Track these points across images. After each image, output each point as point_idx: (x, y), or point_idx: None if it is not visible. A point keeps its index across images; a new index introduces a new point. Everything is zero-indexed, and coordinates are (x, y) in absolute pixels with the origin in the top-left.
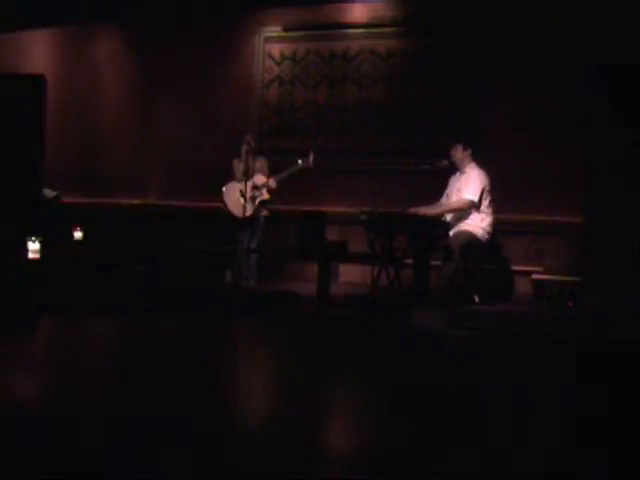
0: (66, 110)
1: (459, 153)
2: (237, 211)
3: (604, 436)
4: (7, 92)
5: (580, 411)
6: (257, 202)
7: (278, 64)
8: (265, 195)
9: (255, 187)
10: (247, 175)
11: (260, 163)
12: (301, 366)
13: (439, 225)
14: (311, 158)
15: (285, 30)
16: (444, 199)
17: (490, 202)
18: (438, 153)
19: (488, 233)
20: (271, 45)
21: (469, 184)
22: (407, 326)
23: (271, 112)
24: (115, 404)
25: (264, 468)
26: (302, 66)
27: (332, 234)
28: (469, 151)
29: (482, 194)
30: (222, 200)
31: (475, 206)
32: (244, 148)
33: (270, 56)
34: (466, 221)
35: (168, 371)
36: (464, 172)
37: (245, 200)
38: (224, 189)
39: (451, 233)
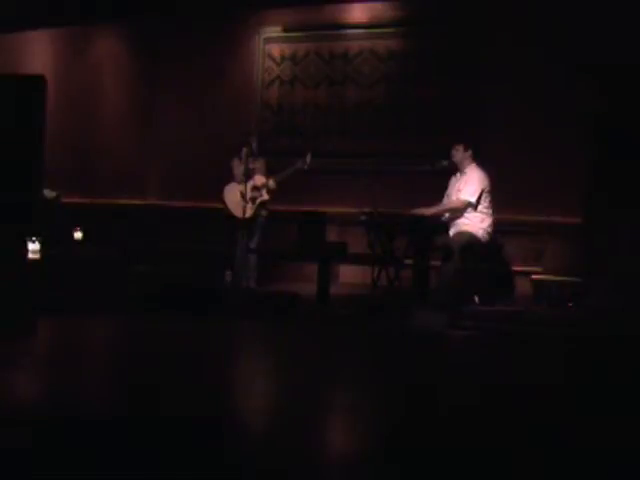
0: (66, 110)
1: (460, 153)
2: (238, 212)
3: (606, 435)
4: (7, 92)
5: (579, 410)
6: (257, 203)
7: (278, 64)
8: (265, 196)
9: (255, 188)
10: (247, 176)
11: (259, 164)
12: (301, 366)
13: (438, 225)
14: (308, 158)
15: (285, 30)
16: (445, 199)
17: (490, 203)
18: (438, 153)
19: (488, 233)
20: (271, 45)
21: (468, 185)
22: (407, 326)
23: (271, 112)
24: (115, 404)
25: (264, 468)
26: (302, 66)
27: (332, 234)
28: (470, 152)
29: (481, 195)
30: (223, 201)
31: (472, 206)
32: (244, 150)
33: (270, 56)
34: (466, 221)
35: (168, 371)
36: (464, 172)
37: (245, 201)
38: (225, 190)
39: (451, 233)
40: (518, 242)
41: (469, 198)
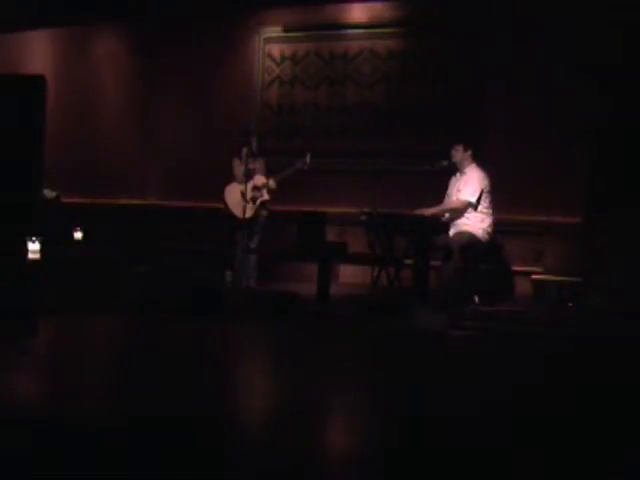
0: (66, 110)
1: (460, 154)
2: (238, 212)
3: (606, 435)
4: (7, 92)
5: (578, 410)
6: (258, 203)
7: (278, 64)
8: (265, 196)
9: (256, 188)
10: (248, 176)
11: (259, 164)
12: (301, 366)
13: (438, 225)
14: (308, 158)
15: (285, 30)
16: (446, 199)
17: (490, 203)
18: (438, 153)
19: (488, 233)
20: (271, 45)
21: (468, 185)
22: (407, 326)
23: (271, 112)
24: (115, 404)
25: (264, 468)
26: (302, 66)
27: (332, 234)
28: (470, 152)
29: (481, 195)
30: (224, 201)
31: (472, 207)
32: (244, 150)
33: (270, 56)
34: (466, 222)
35: (168, 371)
36: (464, 172)
37: (246, 201)
38: (226, 190)
39: (451, 233)
40: (518, 242)
41: (469, 198)
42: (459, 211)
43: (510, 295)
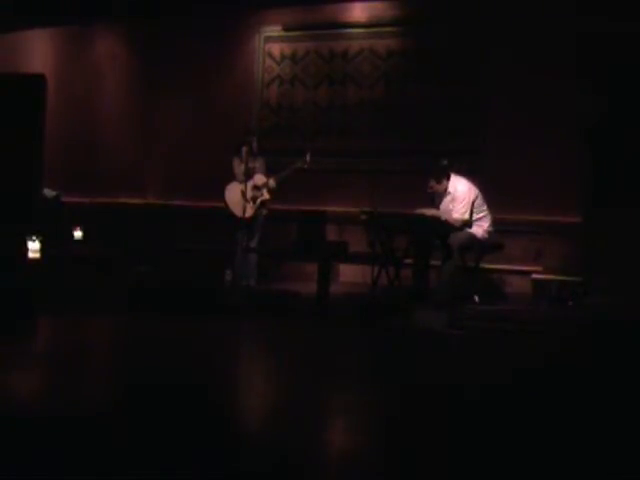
0: (66, 110)
1: (435, 186)
2: (238, 211)
3: (605, 436)
4: (7, 92)
5: (579, 410)
6: (258, 202)
7: (278, 64)
8: (266, 195)
9: (256, 187)
10: (248, 175)
11: (259, 163)
12: (301, 366)
13: (438, 225)
14: (308, 157)
15: (285, 30)
16: (436, 200)
17: (485, 204)
18: (438, 153)
19: (488, 233)
20: (271, 44)
21: (457, 203)
22: (407, 326)
23: (271, 112)
24: (115, 404)
25: (263, 468)
26: (302, 66)
27: (332, 234)
28: (444, 180)
29: (472, 207)
30: (224, 200)
31: (468, 224)
32: (244, 149)
33: (270, 55)
34: None
35: (168, 371)
36: (449, 193)
37: (246, 200)
38: (226, 189)
39: (451, 233)
40: (518, 242)
41: (463, 217)
42: (457, 229)
43: (510, 295)
